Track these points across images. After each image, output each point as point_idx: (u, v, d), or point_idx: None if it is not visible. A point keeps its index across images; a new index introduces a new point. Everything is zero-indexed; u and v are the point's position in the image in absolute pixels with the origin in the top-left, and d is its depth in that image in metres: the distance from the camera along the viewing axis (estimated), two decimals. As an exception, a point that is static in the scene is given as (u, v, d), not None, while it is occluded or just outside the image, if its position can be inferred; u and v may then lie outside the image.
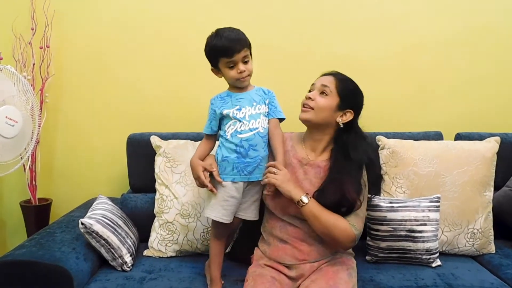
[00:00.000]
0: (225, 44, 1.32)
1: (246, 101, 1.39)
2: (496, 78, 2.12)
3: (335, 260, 1.41)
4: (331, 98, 1.38)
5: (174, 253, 1.68)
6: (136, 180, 1.89)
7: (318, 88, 1.40)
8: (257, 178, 1.39)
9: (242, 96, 1.40)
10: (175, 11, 2.05)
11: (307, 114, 1.40)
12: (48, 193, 2.14)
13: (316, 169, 1.41)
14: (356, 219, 1.34)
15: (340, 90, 1.39)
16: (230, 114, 1.37)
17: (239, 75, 1.35)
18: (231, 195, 1.37)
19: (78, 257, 1.44)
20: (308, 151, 1.45)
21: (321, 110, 1.38)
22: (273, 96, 1.45)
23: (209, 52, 1.37)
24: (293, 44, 2.08)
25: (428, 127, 2.00)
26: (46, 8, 1.99)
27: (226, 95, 1.42)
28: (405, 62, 2.11)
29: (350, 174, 1.35)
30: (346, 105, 1.39)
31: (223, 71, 1.38)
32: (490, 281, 1.50)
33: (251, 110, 1.38)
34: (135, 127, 1.98)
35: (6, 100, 1.61)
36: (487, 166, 1.73)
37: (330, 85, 1.39)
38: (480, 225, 1.70)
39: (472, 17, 2.09)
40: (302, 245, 1.40)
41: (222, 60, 1.35)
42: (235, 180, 1.37)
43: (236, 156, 1.36)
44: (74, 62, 2.08)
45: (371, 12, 2.08)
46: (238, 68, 1.35)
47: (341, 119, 1.39)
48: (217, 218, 1.38)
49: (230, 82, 1.41)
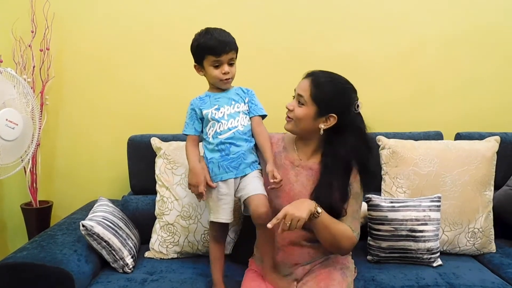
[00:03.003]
0: (215, 42, 1.34)
1: (225, 100, 1.41)
2: (496, 78, 2.13)
3: (328, 260, 1.40)
4: (308, 108, 1.33)
5: (175, 255, 1.69)
6: (137, 182, 1.90)
7: (296, 97, 1.36)
8: (244, 172, 1.39)
9: (220, 95, 1.42)
10: (175, 13, 2.05)
11: (289, 125, 1.39)
12: (49, 196, 2.14)
13: (308, 171, 1.39)
14: (354, 223, 1.33)
15: (315, 97, 1.31)
16: (209, 114, 1.39)
17: (222, 75, 1.37)
18: (223, 193, 1.39)
19: (80, 259, 1.44)
20: (300, 152, 1.43)
21: (300, 120, 1.34)
22: (252, 94, 1.46)
23: (196, 48, 1.38)
24: (293, 44, 2.08)
25: (428, 127, 2.00)
26: (46, 11, 2.00)
27: (205, 96, 1.44)
28: (405, 62, 2.11)
29: (337, 179, 1.32)
30: (326, 111, 1.32)
31: (207, 69, 1.39)
32: (491, 280, 1.50)
33: (229, 109, 1.40)
34: (136, 129, 1.97)
35: (6, 103, 1.61)
36: (487, 165, 1.73)
37: (304, 94, 1.32)
38: (481, 224, 1.70)
39: (472, 18, 2.09)
40: (293, 249, 1.40)
41: (209, 58, 1.36)
42: (223, 178, 1.38)
43: (220, 155, 1.38)
44: (74, 64, 2.08)
45: (371, 12, 2.08)
46: (223, 69, 1.36)
47: (324, 125, 1.33)
48: (218, 219, 1.40)
49: (211, 81, 1.42)
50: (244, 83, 1.49)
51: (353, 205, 1.34)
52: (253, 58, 2.01)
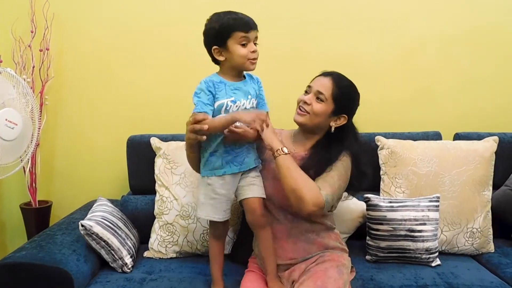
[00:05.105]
0: (243, 18, 1.25)
1: (242, 94, 1.31)
2: (494, 78, 2.13)
3: (324, 258, 1.41)
4: (327, 105, 1.38)
5: (174, 254, 1.69)
6: (136, 182, 1.90)
7: (315, 93, 1.39)
8: (248, 166, 1.35)
9: (237, 86, 1.31)
10: (175, 12, 2.05)
11: (303, 118, 1.41)
12: (48, 196, 2.15)
13: (298, 161, 1.38)
14: (324, 184, 1.30)
15: (335, 96, 1.38)
16: (223, 106, 1.27)
17: (252, 54, 1.26)
18: (217, 192, 1.33)
19: (79, 259, 1.44)
20: (297, 146, 1.47)
21: (316, 115, 1.39)
22: (261, 86, 1.39)
23: (220, 27, 1.25)
24: (293, 44, 2.08)
25: (427, 127, 2.01)
26: (46, 11, 2.00)
27: (219, 82, 1.29)
28: (404, 62, 2.11)
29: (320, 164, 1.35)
30: (341, 111, 1.40)
31: (233, 48, 1.25)
32: (489, 280, 1.51)
33: (245, 103, 1.31)
34: (135, 128, 1.98)
35: (6, 103, 1.62)
36: (485, 165, 1.73)
37: (326, 92, 1.37)
38: (479, 224, 1.70)
39: (471, 18, 2.09)
40: (287, 243, 1.42)
41: (236, 35, 1.24)
42: (226, 173, 1.31)
43: (225, 150, 1.31)
44: (74, 65, 2.08)
45: (370, 12, 2.08)
46: (251, 47, 1.26)
47: (334, 123, 1.41)
48: (208, 217, 1.36)
49: (237, 62, 1.27)
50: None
51: (330, 172, 1.33)
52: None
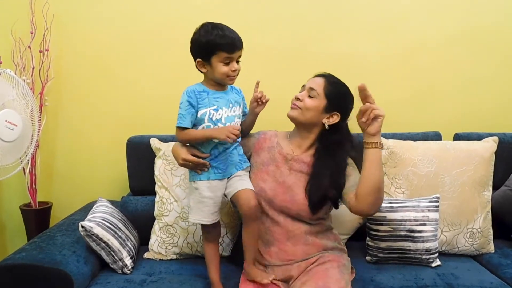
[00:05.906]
0: (229, 39, 1.29)
1: (224, 102, 1.37)
2: (494, 78, 2.13)
3: (324, 258, 1.41)
4: (318, 100, 1.41)
5: (175, 256, 1.69)
6: (136, 183, 1.90)
7: (307, 90, 1.43)
8: (231, 174, 1.40)
9: (219, 95, 1.37)
10: (175, 13, 2.05)
11: (294, 112, 1.44)
12: (48, 197, 2.15)
13: (300, 164, 1.44)
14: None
15: (327, 92, 1.41)
16: (206, 114, 1.33)
17: (232, 72, 1.33)
18: (203, 196, 1.37)
19: (79, 260, 1.44)
20: (294, 147, 1.49)
21: (308, 110, 1.42)
22: (243, 96, 1.48)
23: (206, 44, 1.29)
24: (292, 43, 2.08)
25: (427, 127, 2.00)
26: (45, 12, 2.00)
27: (202, 91, 1.36)
28: (404, 62, 2.11)
29: (332, 171, 1.38)
30: (333, 107, 1.42)
31: (215, 65, 1.31)
32: (489, 280, 1.51)
33: (227, 111, 1.37)
34: (135, 129, 1.98)
35: (5, 104, 1.62)
36: (485, 166, 1.73)
37: (318, 88, 1.41)
38: (479, 224, 1.70)
39: (471, 18, 2.09)
40: (286, 245, 1.42)
41: (220, 54, 1.29)
42: (210, 178, 1.37)
43: (209, 158, 1.37)
44: (74, 66, 2.08)
45: (370, 12, 2.08)
46: (233, 66, 1.32)
47: (327, 120, 1.43)
48: (197, 220, 1.39)
49: (217, 77, 1.34)
50: (243, 83, 1.48)
51: (351, 177, 1.39)
52: (253, 57, 1.99)
